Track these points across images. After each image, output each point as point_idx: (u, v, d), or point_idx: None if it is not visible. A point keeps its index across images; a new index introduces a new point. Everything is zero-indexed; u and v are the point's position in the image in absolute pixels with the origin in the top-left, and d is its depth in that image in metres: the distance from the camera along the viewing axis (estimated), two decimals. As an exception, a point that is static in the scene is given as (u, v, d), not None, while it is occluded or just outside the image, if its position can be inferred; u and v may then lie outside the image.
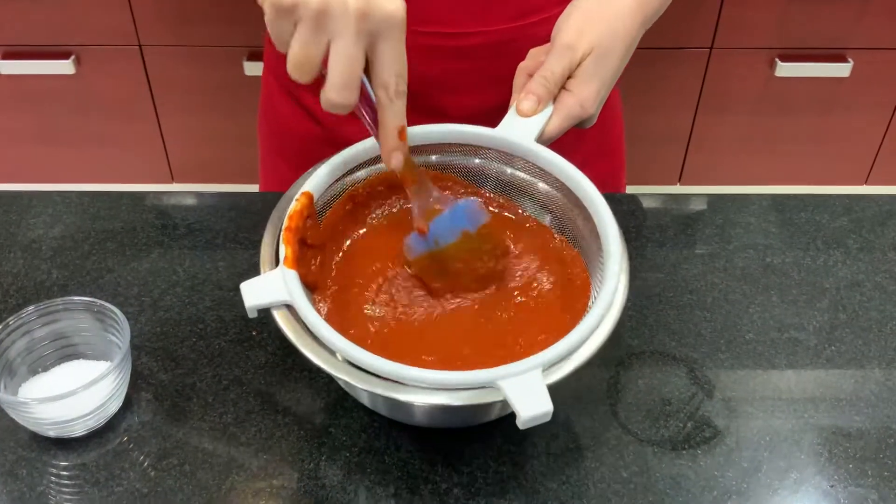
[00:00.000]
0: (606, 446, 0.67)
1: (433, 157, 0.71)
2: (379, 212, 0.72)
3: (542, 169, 0.69)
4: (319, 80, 0.58)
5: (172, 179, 2.09)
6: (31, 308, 0.68)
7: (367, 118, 0.61)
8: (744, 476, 0.65)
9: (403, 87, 0.59)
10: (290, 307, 0.59)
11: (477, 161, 0.72)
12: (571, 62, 0.70)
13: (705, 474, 0.65)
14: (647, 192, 0.95)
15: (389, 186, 0.71)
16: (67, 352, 0.70)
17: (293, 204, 0.63)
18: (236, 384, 0.71)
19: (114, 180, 2.08)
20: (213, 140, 2.01)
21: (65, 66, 1.86)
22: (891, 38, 1.88)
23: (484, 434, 0.67)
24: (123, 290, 0.79)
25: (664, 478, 0.65)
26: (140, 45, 1.86)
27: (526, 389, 0.54)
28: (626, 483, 0.64)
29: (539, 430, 0.67)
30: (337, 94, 0.56)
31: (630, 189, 1.02)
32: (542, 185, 0.71)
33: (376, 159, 0.69)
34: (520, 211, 0.73)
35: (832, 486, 0.65)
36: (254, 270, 0.80)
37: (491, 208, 0.72)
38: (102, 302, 0.68)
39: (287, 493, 0.63)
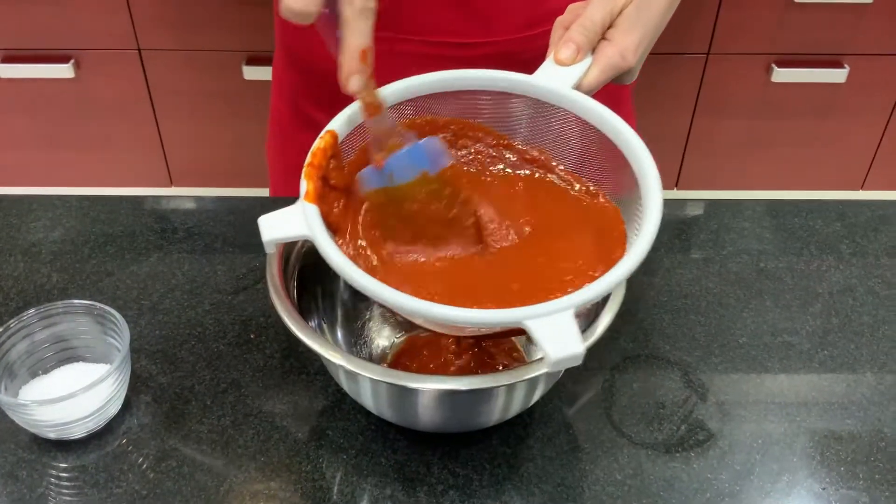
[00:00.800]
0: (601, 449, 0.67)
1: (459, 104, 0.68)
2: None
3: (579, 118, 0.65)
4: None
5: (171, 183, 2.09)
6: (31, 311, 0.69)
7: (333, 41, 0.58)
8: (736, 479, 0.66)
9: (371, 5, 0.55)
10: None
11: (509, 111, 0.68)
12: (612, 10, 0.67)
13: (698, 477, 0.66)
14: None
15: (417, 132, 0.66)
16: (67, 354, 0.71)
17: (317, 141, 0.61)
18: (234, 387, 0.71)
19: (113, 184, 2.08)
20: (212, 144, 2.02)
21: (64, 70, 1.86)
22: (887, 44, 1.88)
23: (480, 436, 0.68)
24: (123, 294, 0.79)
25: (658, 480, 0.65)
26: (139, 50, 1.86)
27: (556, 330, 0.51)
28: (620, 485, 0.65)
29: (535, 433, 0.68)
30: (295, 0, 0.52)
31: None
32: (578, 137, 0.66)
33: (406, 103, 0.66)
34: (553, 163, 0.68)
35: (824, 489, 0.65)
36: (252, 274, 0.82)
37: (528, 168, 0.68)
38: (102, 305, 0.69)
39: (284, 495, 0.64)
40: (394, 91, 0.65)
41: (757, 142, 2.03)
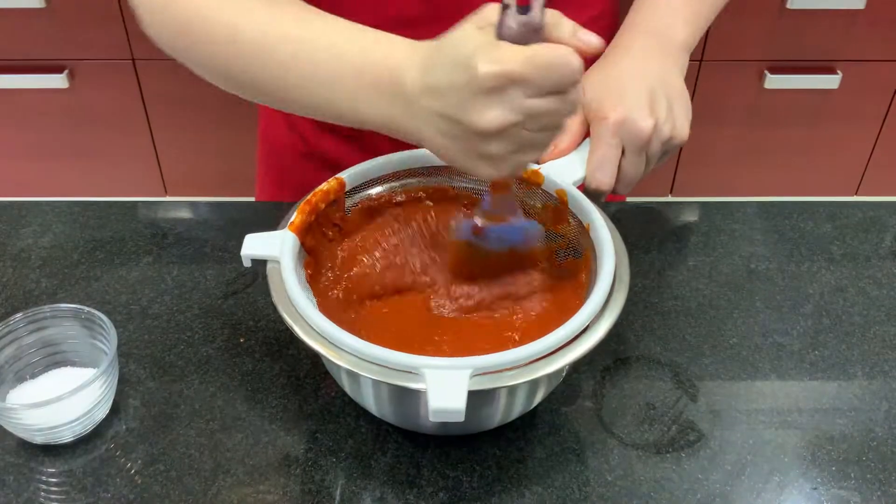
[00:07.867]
0: (591, 450, 0.67)
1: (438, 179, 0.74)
2: (408, 223, 0.74)
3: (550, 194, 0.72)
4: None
5: (166, 193, 2.09)
6: (18, 315, 0.68)
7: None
8: (728, 479, 0.65)
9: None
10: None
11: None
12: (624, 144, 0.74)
13: (689, 477, 0.65)
14: (637, 202, 0.95)
15: (417, 199, 0.74)
16: (55, 359, 0.70)
17: (323, 184, 0.68)
18: (223, 391, 0.71)
19: (107, 194, 2.08)
20: (207, 153, 2.02)
21: (58, 81, 1.87)
22: (879, 50, 1.89)
23: (470, 439, 0.68)
24: (112, 298, 0.79)
25: (648, 481, 0.65)
26: (133, 60, 1.87)
27: (445, 383, 0.54)
28: (610, 486, 0.65)
29: (525, 435, 0.68)
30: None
31: (618, 198, 1.03)
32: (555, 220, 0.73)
33: (414, 171, 0.73)
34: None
35: (815, 489, 0.65)
36: (241, 279, 0.82)
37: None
38: (90, 309, 0.69)
39: (273, 498, 0.64)
40: (401, 159, 0.72)
41: (750, 148, 2.04)
